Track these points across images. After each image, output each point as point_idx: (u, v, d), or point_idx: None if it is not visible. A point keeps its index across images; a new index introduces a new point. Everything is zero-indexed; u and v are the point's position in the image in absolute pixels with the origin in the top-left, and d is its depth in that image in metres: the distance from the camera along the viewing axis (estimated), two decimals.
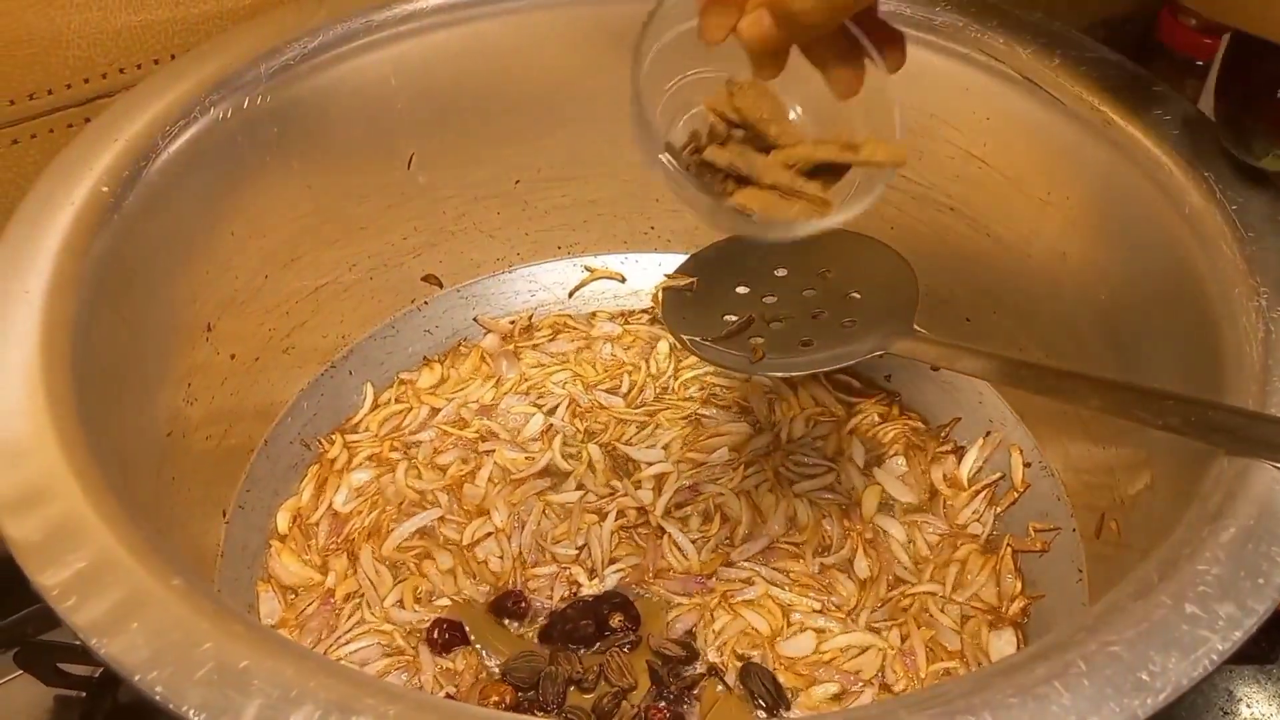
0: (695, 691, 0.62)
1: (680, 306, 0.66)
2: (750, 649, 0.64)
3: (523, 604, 0.66)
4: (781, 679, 0.63)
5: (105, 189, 0.57)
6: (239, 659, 0.38)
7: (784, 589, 0.67)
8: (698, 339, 0.64)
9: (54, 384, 0.48)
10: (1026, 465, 0.72)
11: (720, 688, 0.63)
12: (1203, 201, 0.57)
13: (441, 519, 0.71)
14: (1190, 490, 0.47)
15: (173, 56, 0.72)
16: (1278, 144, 0.56)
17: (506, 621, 0.65)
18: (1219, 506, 0.44)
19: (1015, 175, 0.69)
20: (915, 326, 0.62)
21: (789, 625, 0.66)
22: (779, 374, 0.76)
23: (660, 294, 0.68)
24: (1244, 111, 0.56)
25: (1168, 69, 0.63)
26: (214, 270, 0.66)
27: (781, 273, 0.66)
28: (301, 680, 0.38)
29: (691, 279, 0.66)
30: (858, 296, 0.64)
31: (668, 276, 0.67)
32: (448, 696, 0.62)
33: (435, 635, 0.64)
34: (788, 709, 0.62)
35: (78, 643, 0.40)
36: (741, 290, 0.66)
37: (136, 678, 0.38)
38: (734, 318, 0.64)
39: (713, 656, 0.64)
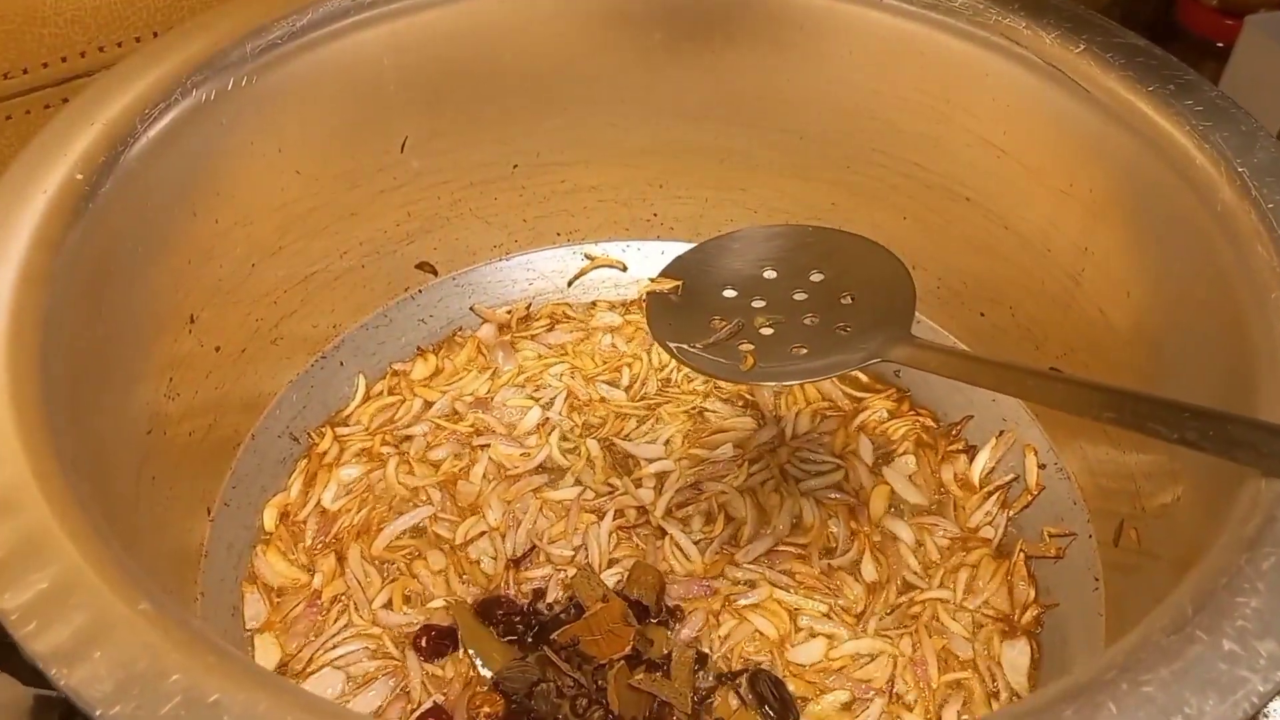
0: (709, 703, 0.60)
1: (666, 312, 0.62)
2: (758, 654, 0.62)
3: (513, 609, 0.64)
4: (791, 686, 0.61)
5: (80, 176, 0.55)
6: (210, 692, 0.36)
7: (789, 591, 0.65)
8: (685, 347, 0.60)
9: (19, 385, 0.46)
10: (1041, 467, 0.69)
11: (733, 698, 0.60)
12: (1235, 198, 0.54)
13: (434, 517, 0.69)
14: (1222, 508, 0.45)
15: (155, 34, 0.70)
16: None
17: (496, 627, 0.63)
18: (1257, 531, 0.41)
19: (1035, 165, 0.66)
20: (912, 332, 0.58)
21: (797, 630, 0.64)
22: (771, 383, 0.73)
23: (645, 300, 0.65)
24: None
25: (1186, 52, 0.61)
26: (197, 260, 0.63)
27: (770, 275, 0.63)
28: (278, 714, 0.36)
29: (676, 283, 0.63)
30: (850, 300, 0.61)
31: (651, 280, 0.64)
32: (435, 705, 0.60)
33: (423, 642, 0.62)
34: (796, 718, 0.60)
35: None
36: (729, 294, 0.62)
37: (98, 713, 0.35)
38: (722, 323, 0.61)
39: (720, 664, 0.62)
